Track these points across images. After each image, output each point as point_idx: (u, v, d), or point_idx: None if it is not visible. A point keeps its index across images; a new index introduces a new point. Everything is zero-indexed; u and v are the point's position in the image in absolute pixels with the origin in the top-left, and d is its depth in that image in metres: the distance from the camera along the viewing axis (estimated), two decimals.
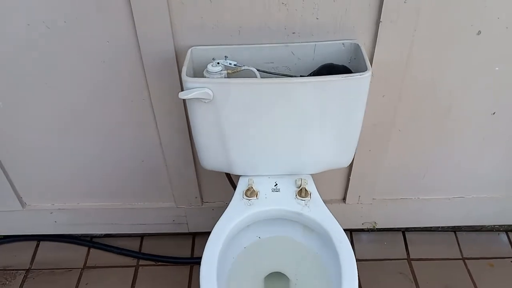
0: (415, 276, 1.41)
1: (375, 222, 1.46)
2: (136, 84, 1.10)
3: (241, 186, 1.05)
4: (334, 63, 1.01)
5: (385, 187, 1.36)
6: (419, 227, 1.50)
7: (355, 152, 1.05)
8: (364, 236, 1.52)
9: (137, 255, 1.49)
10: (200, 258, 1.51)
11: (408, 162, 1.29)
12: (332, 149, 1.01)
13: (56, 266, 1.48)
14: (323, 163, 1.05)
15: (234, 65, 0.98)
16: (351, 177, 1.31)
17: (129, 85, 1.11)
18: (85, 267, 1.48)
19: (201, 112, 0.95)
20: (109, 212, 1.41)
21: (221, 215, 1.01)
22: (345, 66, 1.01)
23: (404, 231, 1.52)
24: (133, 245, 1.52)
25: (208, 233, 1.55)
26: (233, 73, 0.98)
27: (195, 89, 0.90)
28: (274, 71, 1.03)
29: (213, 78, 0.93)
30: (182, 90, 0.92)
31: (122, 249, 1.50)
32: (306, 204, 1.00)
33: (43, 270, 1.47)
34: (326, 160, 1.04)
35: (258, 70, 0.98)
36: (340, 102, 0.93)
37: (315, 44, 1.01)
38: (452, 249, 1.49)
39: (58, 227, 1.46)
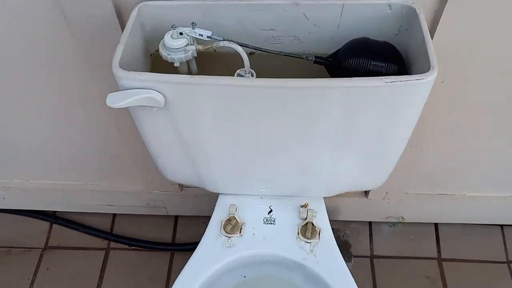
0: (446, 283, 1.13)
1: (402, 217, 1.14)
2: (65, 50, 0.73)
3: (219, 212, 0.72)
4: (371, 38, 0.61)
5: (422, 181, 1.02)
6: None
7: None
8: (385, 227, 1.22)
9: (108, 236, 1.23)
10: (184, 244, 1.26)
11: (460, 156, 0.94)
12: (358, 170, 0.66)
13: (13, 244, 1.24)
14: (342, 185, 0.71)
15: (208, 37, 0.60)
16: None
17: (56, 51, 0.73)
18: (46, 247, 1.23)
19: (149, 121, 0.59)
20: (67, 191, 1.12)
21: (204, 201, 0.70)
22: (389, 44, 0.62)
23: (437, 223, 1.21)
24: (104, 223, 1.26)
25: (193, 217, 1.29)
26: (207, 49, 0.60)
27: (134, 91, 0.53)
28: (274, 48, 0.64)
29: (167, 71, 0.55)
30: None
31: (90, 227, 1.24)
32: (311, 250, 0.68)
33: None
34: (347, 182, 0.70)
35: (246, 46, 0.60)
36: (381, 113, 0.56)
37: (343, 4, 0.61)
38: (496, 249, 1.19)
39: (9, 202, 1.19)
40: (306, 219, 0.71)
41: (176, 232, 1.24)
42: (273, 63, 0.65)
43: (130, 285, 1.15)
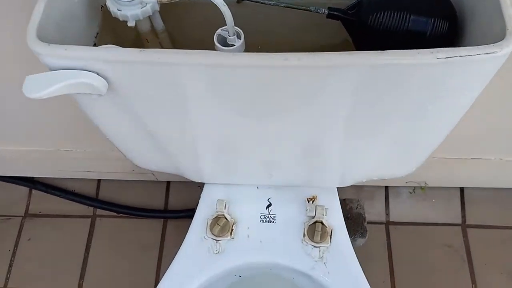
0: (470, 252, 1.01)
1: (425, 183, 1.00)
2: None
3: (204, 209, 0.57)
4: None
5: (454, 145, 0.86)
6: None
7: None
8: (404, 191, 1.08)
9: (93, 203, 1.10)
10: (178, 211, 1.13)
11: (499, 118, 0.77)
12: (384, 159, 0.50)
13: None
14: (360, 175, 0.55)
15: None
16: None
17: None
18: (26, 215, 1.12)
19: (95, 109, 0.42)
20: (39, 159, 0.98)
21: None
22: None
23: (463, 187, 1.07)
24: (88, 188, 1.13)
25: (187, 182, 1.14)
26: (172, 1, 0.42)
27: (58, 75, 0.36)
28: None
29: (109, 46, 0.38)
30: None
31: (73, 193, 1.11)
32: (321, 257, 0.54)
33: None
34: (368, 172, 0.54)
35: None
36: (424, 98, 0.38)
37: None
38: None
39: None
40: (314, 217, 0.56)
41: (168, 198, 1.11)
42: (270, 14, 0.47)
43: (121, 255, 1.05)
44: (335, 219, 0.56)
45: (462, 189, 1.06)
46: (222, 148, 0.50)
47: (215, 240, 0.56)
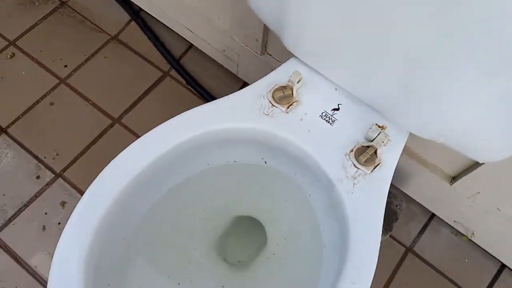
0: None
1: (472, 233, 0.91)
2: None
3: (278, 74, 0.55)
4: None
5: None
6: None
7: None
8: (446, 230, 1.00)
9: (172, 62, 1.13)
10: None
11: None
12: (479, 115, 0.45)
13: (90, 18, 1.19)
14: (444, 125, 0.50)
15: None
16: None
17: None
18: (116, 37, 1.17)
19: None
20: None
21: None
22: None
23: (504, 265, 0.97)
24: (177, 48, 1.15)
25: None
26: None
27: None
28: None
29: None
30: None
31: (162, 44, 1.14)
32: (354, 177, 0.50)
33: (75, 13, 1.19)
34: (453, 125, 0.49)
35: None
36: None
37: None
38: None
39: None
40: (372, 141, 0.52)
41: None
42: None
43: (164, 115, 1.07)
44: (389, 158, 0.52)
45: (502, 267, 0.97)
46: (334, 18, 0.47)
47: (271, 104, 0.54)
